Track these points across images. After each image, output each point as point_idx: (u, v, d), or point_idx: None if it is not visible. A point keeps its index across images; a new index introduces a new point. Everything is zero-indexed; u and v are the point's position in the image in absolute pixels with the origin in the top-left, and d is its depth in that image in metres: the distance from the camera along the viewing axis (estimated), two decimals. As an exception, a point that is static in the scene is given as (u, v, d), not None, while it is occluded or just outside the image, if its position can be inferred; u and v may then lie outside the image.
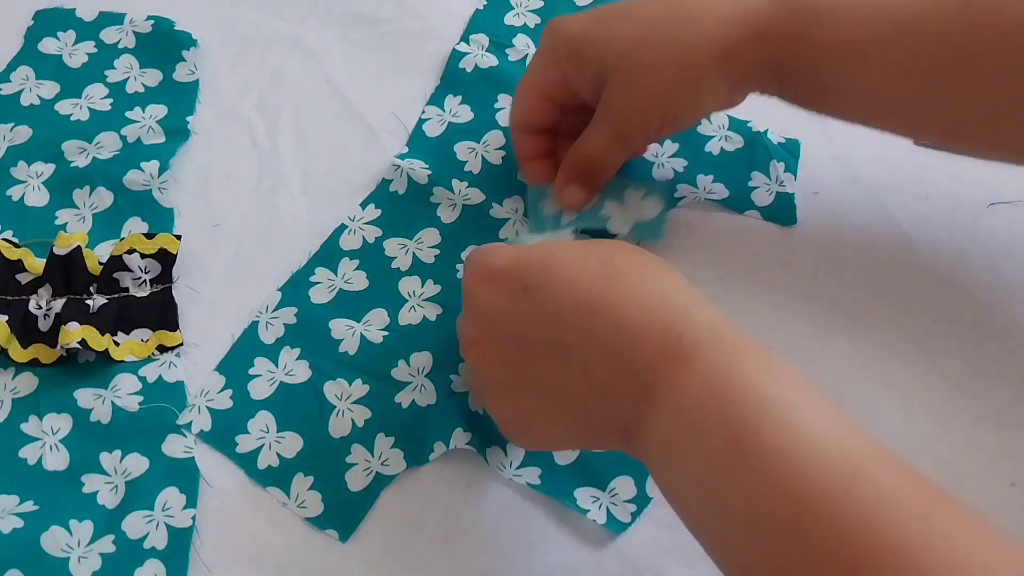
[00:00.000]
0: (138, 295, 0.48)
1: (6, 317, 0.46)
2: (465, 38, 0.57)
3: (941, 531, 0.27)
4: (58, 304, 0.46)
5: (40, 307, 0.46)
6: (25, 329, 0.46)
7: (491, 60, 0.55)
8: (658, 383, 0.32)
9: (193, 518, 0.42)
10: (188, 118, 0.54)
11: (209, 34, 0.57)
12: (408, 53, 0.58)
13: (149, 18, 0.58)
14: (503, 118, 0.54)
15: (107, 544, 0.41)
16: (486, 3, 0.59)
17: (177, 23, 0.57)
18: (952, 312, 0.48)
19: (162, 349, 0.47)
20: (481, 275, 0.37)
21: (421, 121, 0.54)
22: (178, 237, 0.49)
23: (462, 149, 0.53)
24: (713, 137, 0.53)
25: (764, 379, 0.31)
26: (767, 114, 0.53)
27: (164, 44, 0.57)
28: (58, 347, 0.45)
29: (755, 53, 0.42)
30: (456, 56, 0.56)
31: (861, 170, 0.53)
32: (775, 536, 0.29)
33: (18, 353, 0.45)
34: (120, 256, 0.48)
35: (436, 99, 0.55)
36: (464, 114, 0.54)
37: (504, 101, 0.54)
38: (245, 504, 0.43)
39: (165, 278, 0.48)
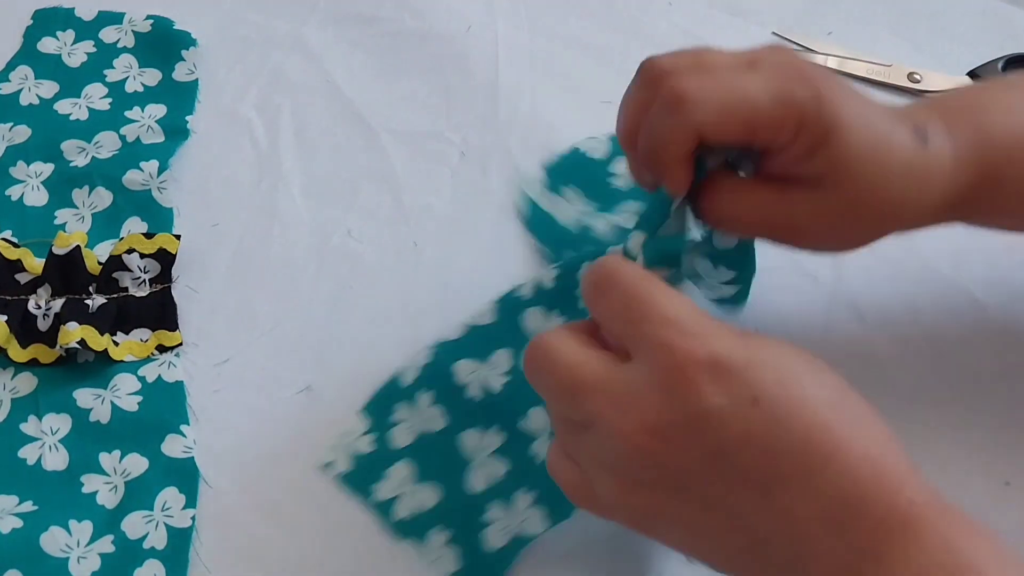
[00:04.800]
0: (137, 295, 0.48)
1: (5, 317, 0.46)
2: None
3: None
4: (57, 304, 0.46)
5: (39, 307, 0.46)
6: (24, 329, 0.46)
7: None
8: (881, 554, 0.29)
9: (193, 518, 0.42)
10: (187, 118, 0.54)
11: (209, 34, 0.57)
12: (408, 53, 0.58)
13: (148, 17, 0.58)
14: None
15: (106, 544, 0.41)
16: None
17: (176, 23, 0.57)
18: (952, 312, 0.48)
19: (161, 349, 0.46)
20: (706, 362, 0.30)
21: None
22: (177, 237, 0.49)
23: None
24: None
25: (993, 565, 0.29)
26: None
27: (163, 43, 0.57)
28: (57, 347, 0.45)
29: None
30: None
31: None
32: None
33: (17, 353, 0.45)
34: (119, 256, 0.48)
35: None
36: None
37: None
38: (245, 504, 0.43)
39: (164, 278, 0.48)
